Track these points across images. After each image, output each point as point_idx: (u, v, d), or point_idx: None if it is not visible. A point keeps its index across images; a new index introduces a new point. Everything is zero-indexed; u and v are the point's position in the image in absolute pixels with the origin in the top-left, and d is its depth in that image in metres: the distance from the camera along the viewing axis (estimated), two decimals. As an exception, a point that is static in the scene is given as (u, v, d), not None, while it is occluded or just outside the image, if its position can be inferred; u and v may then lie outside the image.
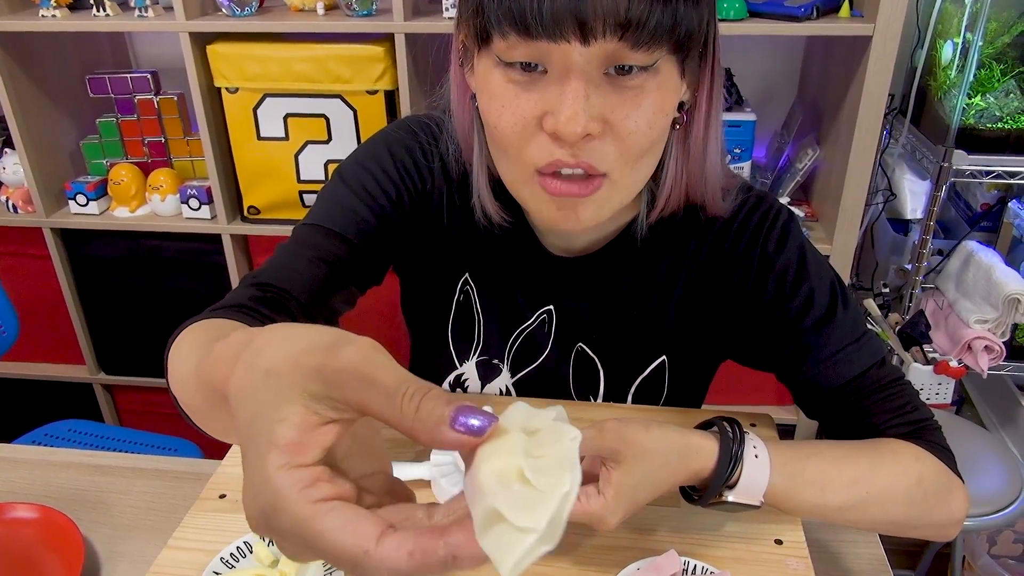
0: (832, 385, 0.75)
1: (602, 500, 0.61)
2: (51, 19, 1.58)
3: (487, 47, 0.63)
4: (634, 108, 0.61)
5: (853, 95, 1.47)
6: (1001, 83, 1.50)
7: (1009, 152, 1.51)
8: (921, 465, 0.70)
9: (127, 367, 1.96)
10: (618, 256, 0.81)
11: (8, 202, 1.79)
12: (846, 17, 1.44)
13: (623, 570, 0.64)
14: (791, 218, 0.80)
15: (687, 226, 0.80)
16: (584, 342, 0.86)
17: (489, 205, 0.77)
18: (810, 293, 0.76)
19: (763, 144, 1.85)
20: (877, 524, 0.72)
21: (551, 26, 0.57)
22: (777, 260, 0.77)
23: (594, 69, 0.60)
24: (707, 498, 0.65)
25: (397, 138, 0.84)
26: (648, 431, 0.62)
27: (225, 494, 0.75)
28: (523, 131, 0.63)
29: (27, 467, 0.93)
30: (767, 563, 0.67)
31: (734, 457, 0.63)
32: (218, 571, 0.65)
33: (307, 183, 1.65)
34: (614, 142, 0.62)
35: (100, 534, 0.82)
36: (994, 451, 1.55)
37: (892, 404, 0.74)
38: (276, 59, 1.54)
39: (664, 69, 0.62)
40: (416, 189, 0.82)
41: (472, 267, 0.86)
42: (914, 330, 1.65)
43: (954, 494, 0.71)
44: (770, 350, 0.79)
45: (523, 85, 0.62)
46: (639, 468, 0.61)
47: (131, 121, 1.76)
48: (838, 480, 0.67)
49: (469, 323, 0.88)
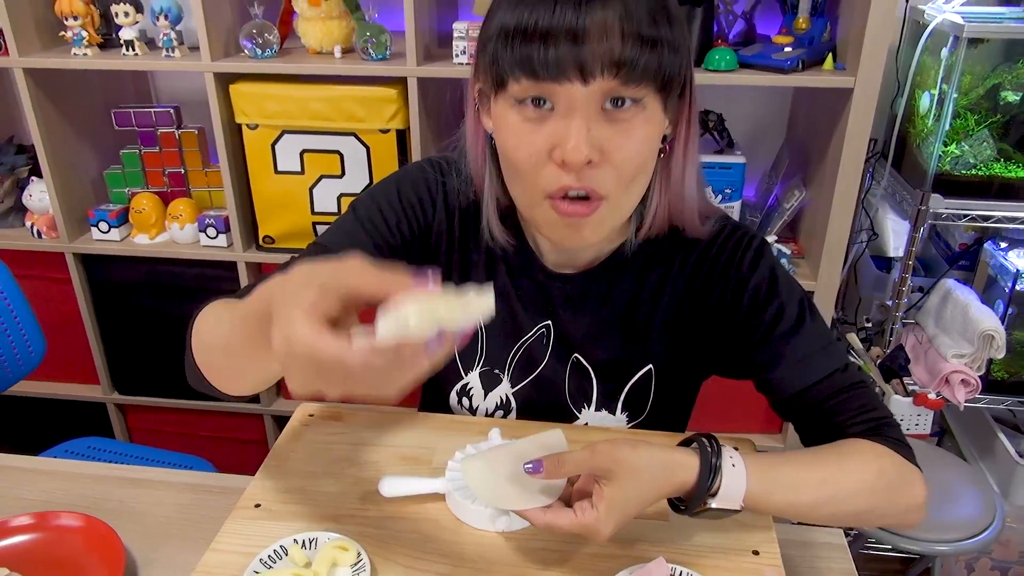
0: (800, 387, 0.85)
1: (595, 513, 0.69)
2: (83, 57, 1.67)
3: (503, 91, 0.75)
4: (626, 139, 0.73)
5: (836, 141, 1.56)
6: (975, 132, 1.59)
7: (983, 196, 1.61)
8: (881, 459, 0.79)
9: (140, 387, 2.04)
10: (610, 274, 0.92)
11: (33, 228, 1.88)
12: (830, 70, 1.54)
13: (616, 574, 0.72)
14: (763, 243, 0.91)
15: (671, 248, 0.91)
16: (579, 353, 0.95)
17: (496, 229, 0.89)
18: (780, 307, 0.86)
19: (753, 184, 1.94)
20: (849, 517, 0.80)
21: (555, 70, 0.69)
22: (751, 279, 0.88)
23: (593, 105, 0.71)
24: (692, 507, 0.73)
25: (407, 177, 0.95)
26: (635, 450, 0.71)
27: (260, 503, 0.83)
28: (536, 162, 0.74)
29: (64, 479, 1.00)
30: (745, 571, 0.75)
31: (713, 468, 0.72)
32: (257, 570, 0.73)
33: (320, 215, 1.74)
34: (610, 169, 0.74)
35: (136, 541, 0.88)
36: (971, 480, 1.62)
37: (854, 404, 0.83)
38: (294, 98, 1.64)
39: (650, 105, 0.74)
40: (419, 220, 0.93)
41: (476, 287, 0.95)
42: (894, 363, 1.73)
43: (913, 482, 0.80)
44: (745, 358, 0.89)
45: (535, 123, 0.73)
46: (629, 483, 0.69)
47: (153, 153, 1.85)
48: (809, 481, 0.76)
49: (473, 337, 0.98)
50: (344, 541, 0.75)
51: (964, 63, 1.53)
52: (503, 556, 0.77)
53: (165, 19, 1.63)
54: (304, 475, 0.88)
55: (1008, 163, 1.59)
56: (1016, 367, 1.75)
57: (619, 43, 0.69)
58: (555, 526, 0.70)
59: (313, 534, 0.77)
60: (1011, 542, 1.83)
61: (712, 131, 1.73)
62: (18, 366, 1.52)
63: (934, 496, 1.51)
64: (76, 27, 1.65)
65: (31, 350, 1.53)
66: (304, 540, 0.76)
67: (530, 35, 0.70)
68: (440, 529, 0.80)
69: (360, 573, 0.72)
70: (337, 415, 0.98)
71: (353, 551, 0.74)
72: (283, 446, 0.93)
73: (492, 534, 0.79)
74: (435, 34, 1.69)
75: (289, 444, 0.94)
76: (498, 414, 0.99)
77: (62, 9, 1.64)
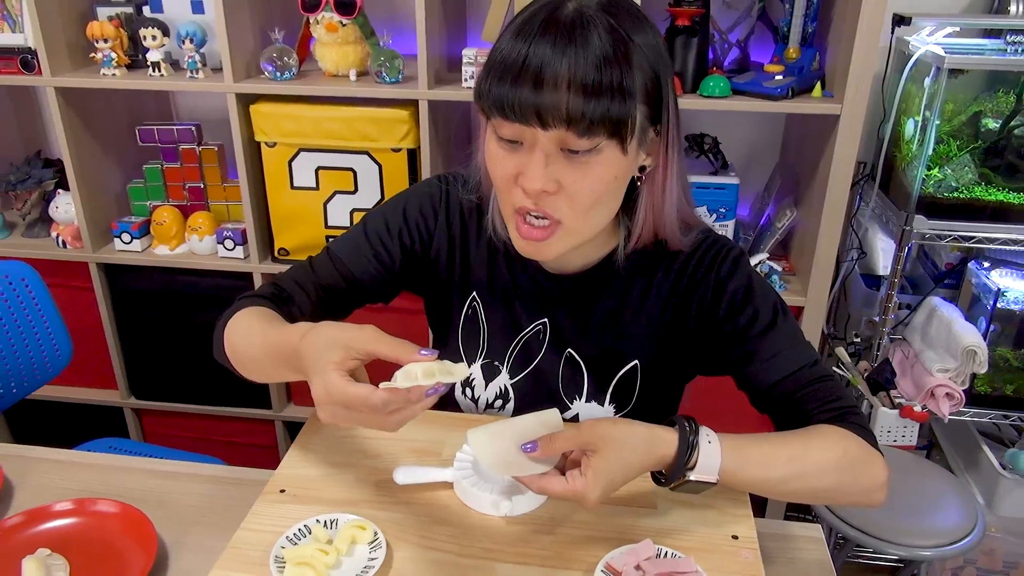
0: (772, 380, 0.93)
1: (584, 480, 0.77)
2: (112, 78, 1.77)
3: (488, 122, 0.85)
4: (582, 176, 0.81)
5: (825, 164, 1.65)
6: (957, 157, 1.68)
7: (965, 218, 1.69)
8: (845, 441, 0.86)
9: (157, 392, 2.12)
10: (600, 278, 1.01)
11: (58, 238, 1.96)
12: (818, 97, 1.63)
13: (607, 554, 0.80)
14: (741, 253, 1.00)
15: (656, 258, 1.00)
16: (572, 348, 1.04)
17: (500, 230, 0.98)
18: (755, 310, 0.95)
19: (747, 204, 2.03)
20: (816, 493, 0.87)
21: (520, 114, 0.78)
22: (728, 285, 0.96)
23: (552, 146, 0.80)
24: (673, 479, 0.81)
25: (415, 194, 1.06)
26: (617, 426, 0.80)
27: (284, 489, 0.91)
28: (508, 182, 0.84)
29: (99, 470, 1.08)
30: (725, 554, 0.83)
31: (691, 443, 0.80)
32: (284, 546, 0.80)
33: (333, 229, 1.83)
34: (565, 199, 0.82)
35: (165, 527, 0.96)
36: (954, 491, 1.68)
37: (821, 395, 0.92)
38: (311, 118, 1.73)
39: (606, 150, 0.80)
40: (421, 233, 1.04)
41: (479, 287, 1.06)
42: (881, 376, 1.80)
43: (875, 462, 0.87)
44: (723, 356, 0.97)
45: (508, 150, 0.83)
46: (613, 455, 0.78)
47: (174, 168, 1.94)
48: (779, 458, 0.84)
49: (476, 332, 1.07)
50: (362, 521, 0.83)
51: (946, 92, 1.61)
52: (506, 538, 0.85)
53: (190, 42, 1.72)
54: (325, 465, 0.96)
55: (989, 186, 1.68)
56: (998, 382, 1.82)
57: (566, 96, 0.75)
58: (548, 491, 0.78)
59: (334, 515, 0.85)
60: (996, 551, 1.89)
61: (707, 153, 1.82)
62: (46, 370, 1.60)
63: (919, 504, 1.60)
64: (106, 49, 1.74)
65: (58, 354, 1.61)
66: (326, 520, 0.84)
67: (503, 76, 0.78)
68: (449, 513, 0.88)
69: (377, 549, 0.80)
70: (353, 413, 1.06)
71: (370, 530, 0.82)
72: (305, 439, 1.01)
73: (496, 518, 0.87)
74: (445, 59, 1.79)
75: (310, 438, 1.01)
76: (497, 403, 1.07)
77: (93, 32, 1.73)
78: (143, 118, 2.02)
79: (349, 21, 1.68)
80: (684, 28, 1.63)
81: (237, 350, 0.93)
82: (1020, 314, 1.77)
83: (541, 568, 0.80)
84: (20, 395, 1.58)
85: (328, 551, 0.79)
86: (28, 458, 1.09)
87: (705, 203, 1.77)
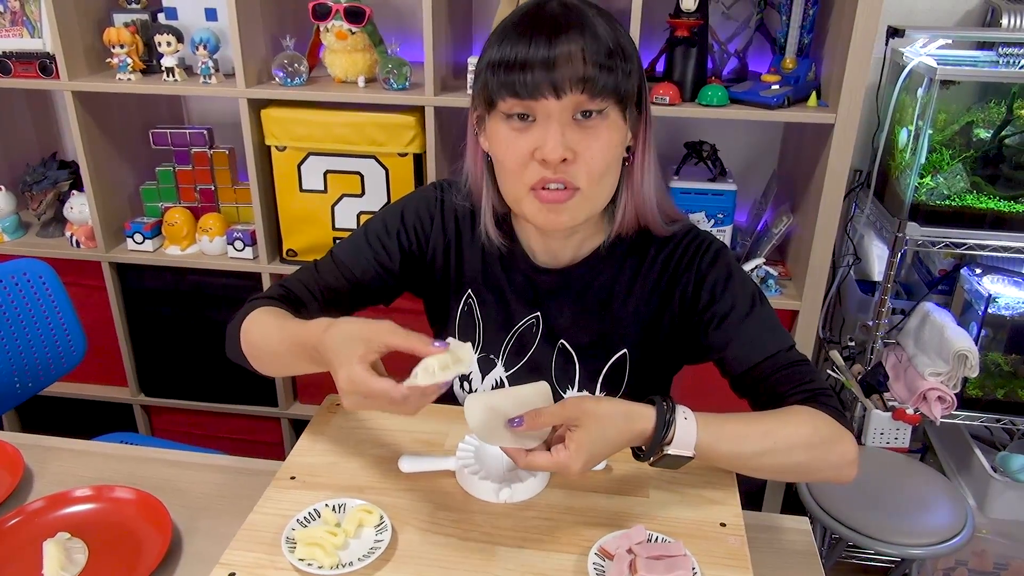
0: (749, 364, 0.98)
1: (567, 452, 0.81)
2: (127, 82, 1.82)
3: (494, 110, 0.92)
4: (594, 140, 0.90)
5: (820, 172, 1.69)
6: (949, 166, 1.72)
7: (957, 225, 1.73)
8: (816, 420, 0.91)
9: (166, 390, 2.16)
10: (589, 268, 1.07)
11: (72, 238, 2.01)
12: (813, 107, 1.68)
13: (601, 538, 0.84)
14: (723, 247, 1.06)
15: (642, 244, 1.06)
16: (564, 339, 1.09)
17: (492, 232, 1.06)
18: (734, 299, 1.01)
19: (744, 210, 2.07)
20: (787, 468, 0.92)
21: (533, 90, 0.87)
22: (709, 275, 1.02)
23: (565, 116, 0.89)
24: (651, 451, 0.85)
25: (412, 200, 1.13)
26: (599, 402, 0.85)
27: (295, 476, 0.95)
28: (521, 161, 0.91)
29: (114, 460, 1.12)
30: (712, 538, 0.87)
31: (667, 420, 0.85)
32: (295, 528, 0.85)
33: (341, 231, 1.88)
34: (583, 164, 0.90)
35: (179, 514, 1.00)
36: (944, 492, 1.72)
37: (795, 378, 0.96)
38: (320, 123, 1.78)
39: (611, 115, 0.91)
40: (418, 235, 1.11)
41: (474, 285, 1.12)
42: (874, 379, 1.84)
43: (844, 440, 0.91)
44: (704, 342, 1.02)
45: (519, 132, 0.91)
46: (594, 428, 0.82)
47: (186, 170, 1.99)
48: (751, 433, 0.89)
49: (472, 327, 1.12)
50: (369, 506, 0.87)
51: (939, 102, 1.65)
52: (505, 523, 0.89)
53: (204, 49, 1.77)
54: (333, 454, 1.00)
55: (980, 195, 1.72)
56: (990, 386, 1.86)
57: (582, 67, 0.86)
58: (534, 464, 0.83)
59: (342, 500, 0.89)
60: (987, 552, 1.93)
61: (706, 160, 1.86)
62: (61, 365, 1.65)
63: (911, 505, 1.64)
64: (122, 54, 1.79)
65: (73, 350, 1.66)
66: (334, 505, 0.88)
67: (511, 66, 0.88)
68: (451, 500, 0.92)
69: (383, 532, 0.84)
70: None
71: (376, 514, 0.86)
72: (314, 430, 1.05)
73: (496, 505, 0.91)
74: (451, 67, 1.83)
75: (319, 429, 1.06)
76: None
77: (110, 38, 1.79)
78: (156, 122, 2.08)
79: (358, 29, 1.73)
80: (683, 39, 1.67)
81: (256, 346, 0.99)
82: (1011, 320, 1.80)
83: (538, 551, 0.85)
84: (34, 390, 1.63)
85: (337, 533, 0.83)
86: (47, 447, 1.14)
87: (703, 209, 1.82)
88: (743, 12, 1.88)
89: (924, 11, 1.89)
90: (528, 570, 0.82)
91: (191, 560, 0.94)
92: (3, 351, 1.55)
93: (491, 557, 0.84)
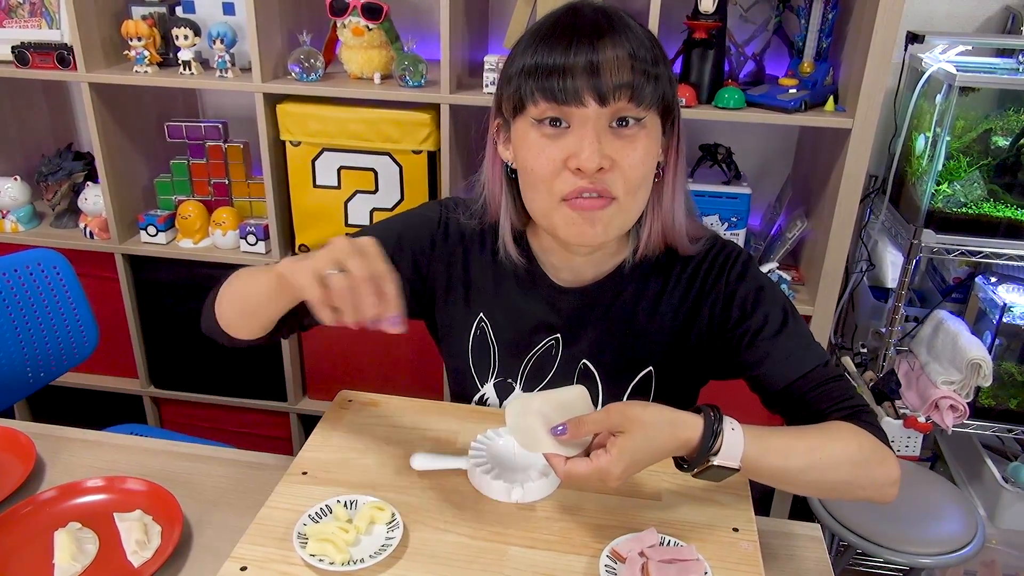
0: (786, 381, 0.96)
1: (608, 457, 0.78)
2: (144, 75, 1.82)
3: (522, 114, 0.89)
4: (632, 150, 0.87)
5: (836, 177, 1.68)
6: (967, 173, 1.71)
7: (973, 233, 1.72)
8: (860, 437, 0.88)
9: (176, 382, 2.17)
10: (611, 287, 1.04)
11: (86, 229, 2.02)
12: (831, 111, 1.67)
13: (613, 540, 0.84)
14: (750, 258, 1.03)
15: (667, 264, 1.03)
16: (587, 359, 1.06)
17: (511, 248, 1.02)
18: (766, 314, 0.98)
19: (758, 214, 2.06)
20: (831, 485, 0.89)
21: (573, 96, 0.84)
22: (738, 290, 1.00)
23: (603, 123, 0.86)
24: (696, 463, 0.82)
25: (412, 221, 1.10)
26: (645, 408, 0.81)
27: (306, 471, 0.95)
28: (553, 169, 0.88)
29: (125, 451, 1.12)
30: (724, 543, 0.86)
31: (715, 430, 0.81)
32: (306, 523, 0.84)
33: (353, 226, 1.88)
34: (619, 174, 0.87)
35: (190, 506, 1.00)
36: (956, 501, 1.71)
37: (834, 395, 0.94)
38: (335, 119, 1.78)
39: (650, 124, 0.89)
40: (422, 250, 1.08)
41: (485, 308, 1.08)
42: (886, 387, 1.83)
43: (887, 459, 0.89)
44: (736, 359, 1.00)
45: (551, 138, 0.87)
46: (639, 434, 0.79)
47: (200, 164, 2.00)
48: (798, 448, 0.86)
49: (486, 352, 1.09)
50: (381, 503, 0.87)
51: (957, 109, 1.64)
52: (516, 523, 0.89)
53: (221, 43, 1.77)
54: (345, 450, 1.00)
55: (997, 203, 1.71)
56: (1003, 396, 1.84)
57: (629, 73, 0.84)
58: (574, 472, 0.80)
59: (354, 496, 0.89)
60: (996, 563, 1.91)
61: (721, 163, 1.86)
62: (73, 356, 1.65)
63: (921, 513, 1.63)
64: (139, 47, 1.80)
65: (85, 341, 1.66)
66: (346, 501, 0.88)
67: (550, 71, 0.85)
68: (463, 498, 0.92)
69: (394, 530, 0.84)
70: (374, 402, 1.10)
71: (388, 511, 0.86)
72: (325, 426, 1.05)
73: (507, 504, 0.91)
74: (467, 65, 1.83)
75: (331, 424, 1.06)
76: None
77: (128, 31, 1.79)
78: (172, 115, 2.08)
79: (375, 26, 1.73)
80: (701, 41, 1.67)
81: (232, 300, 1.01)
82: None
83: (550, 552, 0.84)
84: (46, 380, 1.63)
85: (348, 529, 0.83)
86: (59, 437, 1.14)
87: (717, 212, 1.81)
88: (761, 15, 1.87)
89: (944, 17, 1.88)
90: (539, 571, 0.82)
91: (202, 553, 0.93)
92: (16, 341, 1.56)
93: (502, 557, 0.84)
